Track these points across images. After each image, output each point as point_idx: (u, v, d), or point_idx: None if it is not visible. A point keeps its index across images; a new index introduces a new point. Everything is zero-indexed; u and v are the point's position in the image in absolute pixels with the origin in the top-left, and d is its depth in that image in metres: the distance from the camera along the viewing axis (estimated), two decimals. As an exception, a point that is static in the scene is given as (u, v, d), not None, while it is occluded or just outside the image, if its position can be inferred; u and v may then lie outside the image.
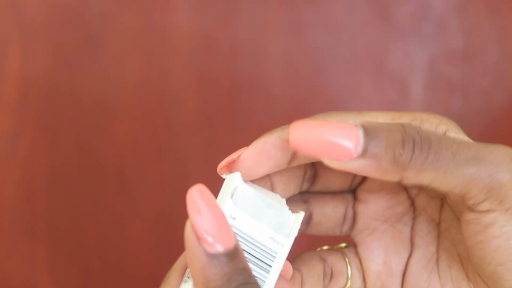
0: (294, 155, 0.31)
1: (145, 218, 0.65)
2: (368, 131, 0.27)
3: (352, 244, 0.35)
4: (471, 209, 0.29)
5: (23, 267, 0.65)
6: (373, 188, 0.33)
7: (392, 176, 0.28)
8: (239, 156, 0.31)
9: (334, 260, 0.34)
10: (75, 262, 0.65)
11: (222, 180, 0.34)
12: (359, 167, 0.27)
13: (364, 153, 0.27)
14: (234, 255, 0.27)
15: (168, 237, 0.65)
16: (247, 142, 0.33)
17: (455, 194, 0.29)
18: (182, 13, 0.64)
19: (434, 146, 0.27)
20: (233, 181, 0.30)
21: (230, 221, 0.29)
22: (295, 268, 0.33)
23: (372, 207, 0.33)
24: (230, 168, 0.32)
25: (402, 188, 0.33)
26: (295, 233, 0.30)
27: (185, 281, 0.28)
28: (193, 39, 0.64)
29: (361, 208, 0.33)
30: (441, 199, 0.32)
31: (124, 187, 0.65)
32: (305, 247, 0.34)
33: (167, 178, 0.65)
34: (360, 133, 0.27)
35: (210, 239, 0.26)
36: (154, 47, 0.64)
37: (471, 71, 0.64)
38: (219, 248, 0.26)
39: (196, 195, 0.27)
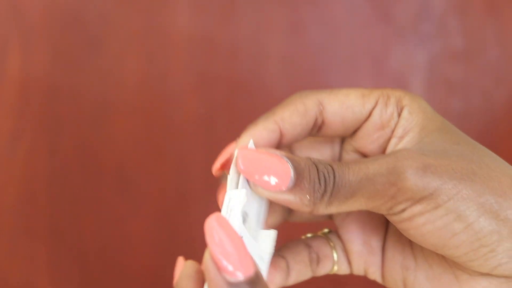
0: (279, 142, 0.33)
1: (145, 218, 0.65)
2: (297, 170, 0.30)
3: (334, 229, 0.36)
4: (389, 214, 0.31)
5: (23, 267, 0.65)
6: None
7: (306, 209, 0.31)
8: (231, 155, 0.33)
9: (319, 245, 0.35)
10: (75, 262, 0.65)
11: (221, 179, 0.34)
12: (286, 199, 0.30)
13: (292, 187, 0.30)
14: (255, 282, 0.27)
15: (168, 237, 0.65)
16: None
17: (372, 210, 0.31)
18: (182, 13, 0.64)
19: (336, 180, 0.30)
20: (239, 199, 0.30)
21: None
22: (281, 256, 0.34)
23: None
24: (224, 167, 0.34)
25: None
26: (272, 251, 0.32)
27: None
28: (193, 39, 0.64)
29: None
30: None
31: (124, 187, 0.65)
32: (289, 235, 0.35)
33: (167, 178, 0.65)
34: (291, 172, 0.30)
35: (230, 268, 0.27)
36: (154, 47, 0.64)
37: (471, 71, 0.64)
38: (240, 276, 0.27)
39: (215, 224, 0.27)
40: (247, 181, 0.31)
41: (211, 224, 0.27)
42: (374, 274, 0.35)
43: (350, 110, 0.33)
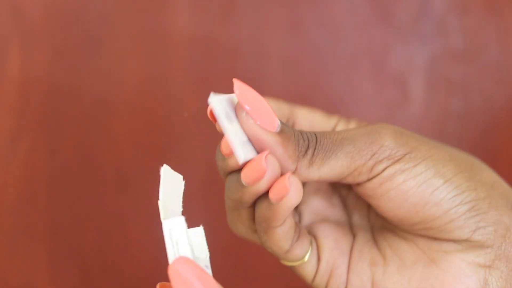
0: None
1: (145, 218, 0.65)
2: (282, 125, 0.32)
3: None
4: (369, 177, 0.32)
5: (23, 267, 0.65)
6: (310, 190, 0.37)
7: (291, 163, 0.32)
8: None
9: (302, 229, 0.36)
10: (75, 262, 0.65)
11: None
12: (272, 141, 0.32)
13: (279, 132, 0.32)
14: None
15: (168, 237, 0.65)
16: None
17: (351, 178, 0.32)
18: (182, 13, 0.64)
19: (319, 138, 0.32)
20: (180, 228, 0.30)
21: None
22: None
23: (312, 206, 0.37)
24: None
25: (334, 191, 0.37)
26: (207, 251, 0.32)
27: None
28: (193, 39, 0.64)
29: (303, 207, 0.37)
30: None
31: (124, 187, 0.65)
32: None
33: (167, 178, 0.65)
34: (278, 121, 0.32)
35: None
36: (154, 47, 0.64)
37: (471, 71, 0.64)
38: None
39: (180, 267, 0.29)
40: (235, 115, 0.32)
41: (175, 269, 0.29)
42: (340, 279, 0.35)
43: (317, 118, 0.36)
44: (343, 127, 0.36)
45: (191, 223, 0.66)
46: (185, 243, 0.29)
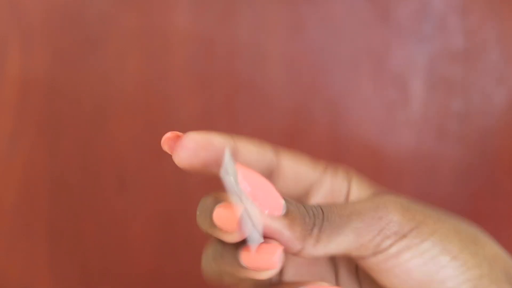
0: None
1: (145, 218, 0.65)
2: (287, 203, 0.31)
3: None
4: (375, 252, 0.31)
5: (23, 267, 0.65)
6: None
7: (298, 243, 0.30)
8: (183, 134, 0.34)
9: None
10: (75, 262, 0.65)
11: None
12: (279, 226, 0.30)
13: (285, 214, 0.30)
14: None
15: (168, 237, 0.65)
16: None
17: (357, 252, 0.31)
18: (182, 13, 0.64)
19: (325, 214, 0.31)
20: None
21: None
22: None
23: (295, 262, 0.35)
24: (172, 145, 0.35)
25: None
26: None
27: None
28: (193, 39, 0.64)
29: (286, 262, 0.35)
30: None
31: (124, 188, 0.65)
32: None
33: (167, 179, 0.65)
34: (283, 202, 0.30)
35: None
36: (154, 47, 0.64)
37: (471, 71, 0.64)
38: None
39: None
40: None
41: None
42: None
43: (303, 167, 0.35)
44: (330, 176, 0.35)
45: (191, 222, 0.66)
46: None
